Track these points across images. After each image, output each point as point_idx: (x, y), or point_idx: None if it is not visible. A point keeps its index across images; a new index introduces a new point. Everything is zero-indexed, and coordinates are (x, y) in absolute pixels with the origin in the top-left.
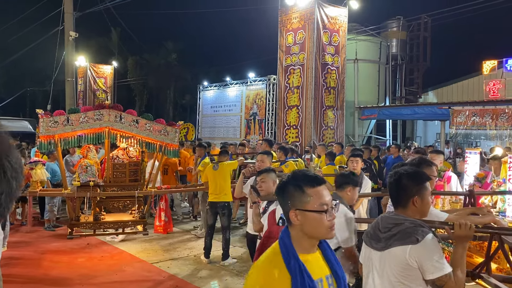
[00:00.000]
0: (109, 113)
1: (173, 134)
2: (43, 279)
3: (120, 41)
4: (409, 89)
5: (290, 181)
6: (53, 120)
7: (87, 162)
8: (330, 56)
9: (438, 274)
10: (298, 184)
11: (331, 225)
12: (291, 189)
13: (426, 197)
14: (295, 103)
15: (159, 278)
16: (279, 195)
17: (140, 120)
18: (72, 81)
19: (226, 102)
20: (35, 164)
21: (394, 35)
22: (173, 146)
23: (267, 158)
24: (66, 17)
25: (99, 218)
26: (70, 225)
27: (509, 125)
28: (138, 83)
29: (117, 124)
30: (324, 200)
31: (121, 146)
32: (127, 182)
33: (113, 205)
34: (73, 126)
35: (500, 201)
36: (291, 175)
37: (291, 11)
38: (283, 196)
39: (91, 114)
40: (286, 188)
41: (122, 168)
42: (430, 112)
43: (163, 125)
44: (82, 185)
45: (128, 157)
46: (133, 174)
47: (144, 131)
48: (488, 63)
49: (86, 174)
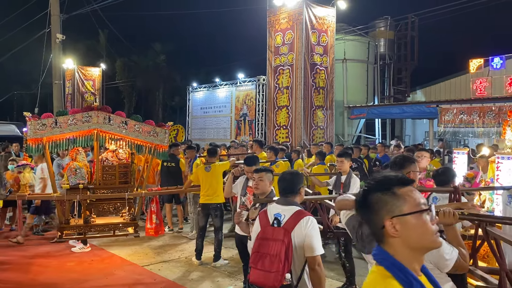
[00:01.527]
0: (97, 115)
1: (162, 135)
2: (31, 284)
3: (108, 43)
4: (397, 88)
5: (375, 187)
6: (41, 123)
7: (76, 164)
8: (318, 56)
9: (451, 264)
10: (387, 188)
11: (436, 229)
12: (381, 196)
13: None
14: (285, 103)
15: (150, 281)
16: (364, 210)
17: (129, 121)
18: (59, 84)
19: (216, 103)
20: (23, 167)
21: (382, 35)
22: (163, 147)
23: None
24: (53, 19)
25: (89, 221)
26: (60, 229)
27: (496, 122)
28: (126, 85)
29: (106, 126)
30: (421, 199)
31: (111, 148)
32: (117, 184)
33: (103, 208)
34: (62, 128)
35: (488, 200)
36: (372, 181)
37: (279, 12)
38: (371, 209)
39: (80, 116)
40: (372, 198)
41: (111, 170)
42: (418, 110)
43: (152, 126)
44: (72, 188)
45: (118, 159)
46: (123, 176)
47: (133, 132)
48: (474, 62)
49: (75, 176)
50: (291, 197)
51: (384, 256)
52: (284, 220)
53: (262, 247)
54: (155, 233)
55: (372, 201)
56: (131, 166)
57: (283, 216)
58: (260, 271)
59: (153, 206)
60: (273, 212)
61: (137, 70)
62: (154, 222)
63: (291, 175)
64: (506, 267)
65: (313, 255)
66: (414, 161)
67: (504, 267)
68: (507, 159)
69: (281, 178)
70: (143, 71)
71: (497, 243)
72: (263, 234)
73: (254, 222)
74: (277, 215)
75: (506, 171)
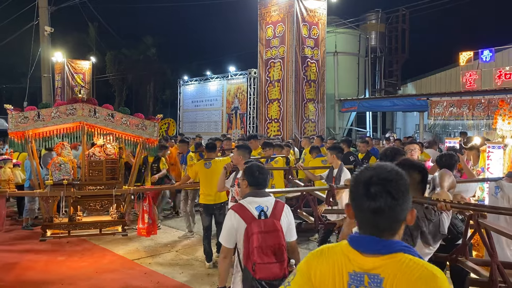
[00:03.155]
0: (82, 107)
1: (151, 128)
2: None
3: (98, 36)
4: (388, 81)
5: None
6: (23, 116)
7: (60, 159)
8: (309, 49)
9: None
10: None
11: None
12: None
13: None
14: (276, 96)
15: (141, 274)
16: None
17: (116, 114)
18: (48, 77)
19: (207, 96)
20: (3, 162)
21: (373, 28)
22: (152, 141)
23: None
24: (41, 11)
25: (74, 219)
26: (43, 227)
27: (485, 115)
28: (117, 78)
29: (91, 118)
30: None
31: (98, 143)
32: (103, 180)
33: (89, 205)
34: (44, 121)
35: (479, 189)
36: (397, 171)
37: (270, 4)
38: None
39: (63, 108)
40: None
41: (98, 166)
42: (409, 103)
43: (140, 119)
44: (56, 184)
45: (106, 154)
46: (110, 172)
47: (120, 125)
48: (464, 54)
49: (59, 172)
50: (263, 189)
51: (404, 244)
52: (269, 211)
53: (263, 241)
54: (147, 233)
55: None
56: (119, 161)
57: (265, 207)
58: (269, 264)
59: (145, 205)
60: (253, 206)
61: (127, 63)
62: (146, 222)
63: (262, 169)
64: (497, 259)
65: (294, 239)
66: (404, 153)
67: (496, 258)
68: (498, 148)
69: (251, 171)
70: (134, 64)
71: (488, 234)
72: (257, 228)
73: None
74: (259, 207)
75: (496, 160)
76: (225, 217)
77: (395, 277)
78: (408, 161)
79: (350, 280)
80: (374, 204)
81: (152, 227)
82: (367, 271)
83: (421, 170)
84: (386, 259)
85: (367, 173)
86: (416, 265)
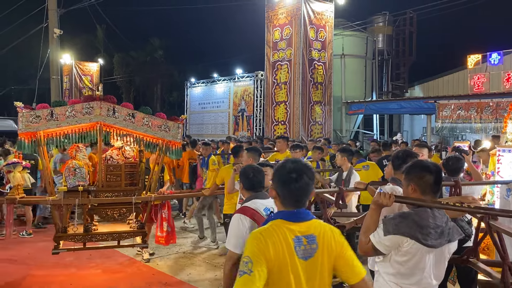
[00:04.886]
0: (100, 105)
1: (175, 130)
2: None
3: (106, 38)
4: (395, 84)
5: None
6: (35, 115)
7: (75, 163)
8: (316, 51)
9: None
10: None
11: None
12: None
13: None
14: (283, 98)
15: (149, 275)
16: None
17: (137, 114)
18: (57, 79)
19: (214, 98)
20: (13, 166)
21: (380, 30)
22: (176, 144)
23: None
24: (50, 14)
25: (90, 229)
26: (56, 238)
27: (494, 118)
28: (124, 80)
29: (110, 118)
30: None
31: (116, 145)
32: (122, 186)
33: (106, 213)
34: (58, 121)
35: (489, 193)
36: (307, 164)
37: (278, 7)
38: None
39: (79, 107)
40: None
41: (117, 170)
42: (416, 106)
43: (163, 120)
44: (70, 190)
45: (124, 158)
46: (129, 177)
47: (141, 126)
48: (472, 57)
49: (74, 177)
50: (261, 191)
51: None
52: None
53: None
54: (166, 241)
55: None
56: (139, 165)
57: (271, 208)
58: None
59: (164, 212)
60: (261, 208)
61: (135, 65)
62: (165, 230)
63: (259, 171)
64: (508, 261)
65: None
66: (416, 155)
67: (507, 260)
68: (508, 152)
69: (245, 174)
70: (141, 66)
71: (500, 237)
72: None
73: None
74: (267, 209)
75: (507, 164)
76: (232, 221)
77: (321, 234)
78: (420, 163)
79: (294, 243)
80: (299, 184)
81: (171, 235)
82: (304, 233)
83: (434, 171)
84: (312, 223)
85: (290, 165)
86: (326, 225)
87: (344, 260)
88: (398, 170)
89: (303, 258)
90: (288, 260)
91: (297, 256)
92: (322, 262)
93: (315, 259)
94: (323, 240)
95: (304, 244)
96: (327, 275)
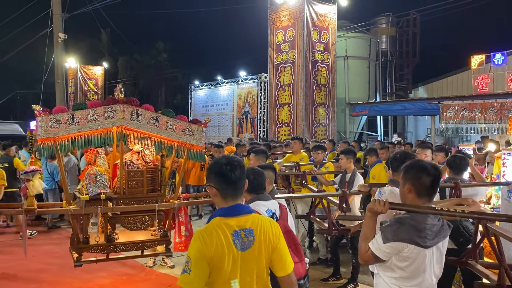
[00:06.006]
0: (123, 109)
1: (199, 133)
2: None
3: (110, 42)
4: (399, 85)
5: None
6: (55, 119)
7: (96, 170)
8: (320, 53)
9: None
10: None
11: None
12: None
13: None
14: (287, 101)
15: (152, 277)
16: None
17: (161, 117)
18: (62, 83)
19: (218, 101)
20: (32, 174)
21: (384, 32)
22: (199, 148)
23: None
24: (55, 18)
25: (113, 239)
26: (78, 249)
27: (498, 118)
28: (129, 83)
29: (134, 122)
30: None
31: (135, 149)
32: (144, 193)
33: (128, 222)
34: (79, 125)
35: (495, 197)
36: (239, 159)
37: (281, 9)
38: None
39: (101, 110)
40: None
41: (138, 176)
42: (420, 107)
43: (187, 123)
44: (91, 198)
45: (145, 162)
46: (151, 183)
47: (165, 130)
48: (476, 58)
49: (95, 185)
50: (262, 193)
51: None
52: (277, 214)
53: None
54: (185, 247)
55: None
56: (161, 170)
57: (274, 210)
58: (295, 264)
59: (181, 216)
60: (263, 209)
61: (139, 68)
62: (183, 235)
63: (260, 173)
64: (505, 263)
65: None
66: (414, 157)
67: (504, 263)
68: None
69: (248, 176)
70: (145, 69)
71: (497, 239)
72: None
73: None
74: (269, 211)
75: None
76: None
77: (259, 227)
78: (419, 163)
79: (233, 237)
80: (235, 174)
81: (190, 241)
82: (241, 227)
83: (432, 173)
84: (251, 217)
85: (223, 160)
86: (266, 219)
87: (278, 252)
88: (397, 172)
89: (241, 250)
90: (226, 253)
91: (236, 248)
92: (259, 252)
93: (252, 250)
94: (260, 233)
95: (242, 237)
96: (264, 264)
